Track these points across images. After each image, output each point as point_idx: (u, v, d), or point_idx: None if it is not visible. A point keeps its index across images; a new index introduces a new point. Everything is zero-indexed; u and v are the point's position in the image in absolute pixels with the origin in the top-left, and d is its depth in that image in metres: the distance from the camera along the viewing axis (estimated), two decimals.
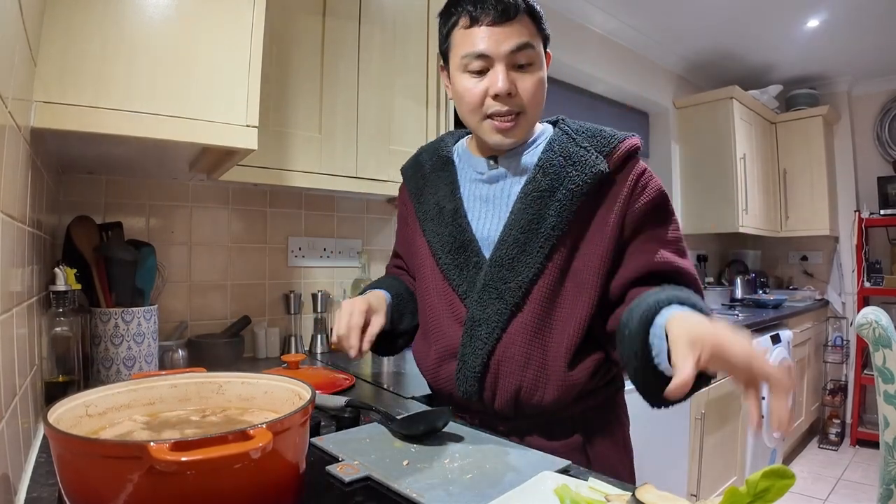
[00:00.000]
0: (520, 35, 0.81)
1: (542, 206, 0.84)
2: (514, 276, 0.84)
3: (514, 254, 0.84)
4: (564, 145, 0.87)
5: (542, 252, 0.83)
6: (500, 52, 0.81)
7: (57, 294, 0.94)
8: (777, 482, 0.40)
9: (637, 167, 0.86)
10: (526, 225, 0.84)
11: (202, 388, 0.68)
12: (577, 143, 0.87)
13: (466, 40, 0.83)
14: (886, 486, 1.50)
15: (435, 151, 1.01)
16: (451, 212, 0.92)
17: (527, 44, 0.82)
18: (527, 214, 0.84)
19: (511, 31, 0.81)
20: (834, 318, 3.69)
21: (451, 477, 0.63)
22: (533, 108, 0.85)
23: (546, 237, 0.83)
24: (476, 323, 0.86)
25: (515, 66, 0.83)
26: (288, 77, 1.32)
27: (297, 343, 1.61)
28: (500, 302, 0.84)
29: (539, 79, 0.84)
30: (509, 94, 0.82)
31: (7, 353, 0.58)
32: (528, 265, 0.83)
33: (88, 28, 0.83)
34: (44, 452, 0.74)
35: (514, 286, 0.84)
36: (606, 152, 0.85)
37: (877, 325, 1.53)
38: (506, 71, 0.81)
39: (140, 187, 1.39)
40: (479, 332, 0.85)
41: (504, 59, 0.81)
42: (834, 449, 3.31)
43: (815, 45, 3.11)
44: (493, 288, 0.85)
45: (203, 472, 0.43)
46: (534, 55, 0.83)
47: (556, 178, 0.84)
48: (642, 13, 2.74)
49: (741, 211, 3.13)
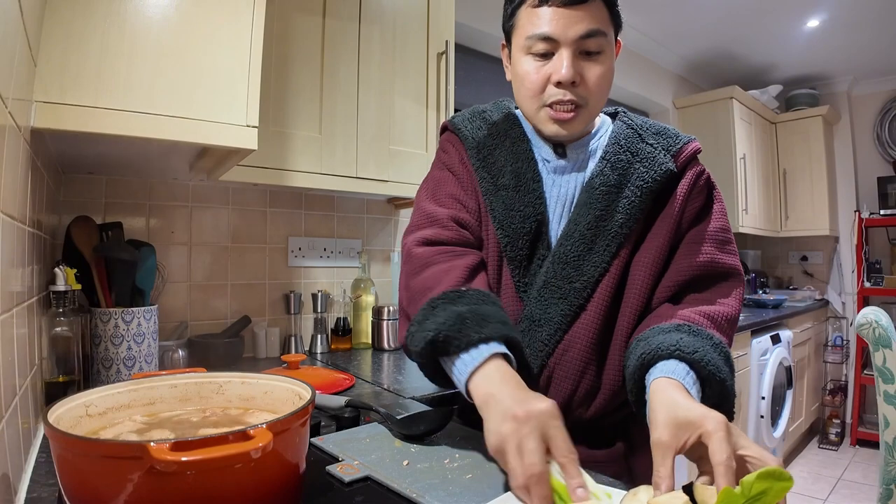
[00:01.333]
0: (591, 20, 0.74)
1: (610, 201, 0.79)
2: (579, 275, 0.79)
3: (580, 251, 0.79)
4: (630, 140, 0.82)
5: (610, 250, 0.79)
6: (569, 37, 0.74)
7: (57, 294, 0.94)
8: (775, 484, 0.40)
9: (698, 168, 0.84)
10: (593, 221, 0.79)
11: (202, 388, 0.68)
12: (643, 139, 0.83)
13: (533, 20, 0.76)
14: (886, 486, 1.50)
15: (506, 114, 0.90)
16: (535, 193, 0.82)
17: (598, 30, 0.75)
18: (594, 209, 0.79)
19: (582, 14, 0.74)
20: (834, 318, 3.69)
21: (451, 477, 0.63)
22: (596, 100, 0.79)
23: (614, 235, 0.79)
24: (536, 323, 0.80)
25: (583, 52, 0.76)
26: (288, 77, 1.32)
27: (297, 343, 1.61)
28: (563, 302, 0.79)
29: (607, 69, 0.78)
30: (573, 82, 0.75)
31: (7, 353, 0.58)
32: (595, 264, 0.79)
33: (88, 28, 0.83)
34: (44, 452, 0.74)
35: (580, 286, 0.79)
36: (674, 152, 0.82)
37: (877, 325, 1.53)
38: (572, 57, 0.75)
39: (140, 187, 1.39)
40: (539, 334, 0.80)
41: (572, 45, 0.75)
42: (834, 449, 3.31)
43: (815, 45, 3.11)
44: (556, 287, 0.79)
45: (203, 472, 0.43)
46: (604, 43, 0.77)
47: (623, 174, 0.80)
48: (642, 13, 2.74)
49: (741, 211, 3.14)
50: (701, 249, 0.80)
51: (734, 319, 0.79)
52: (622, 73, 2.92)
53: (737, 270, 0.82)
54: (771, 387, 2.57)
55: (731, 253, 0.83)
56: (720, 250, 0.81)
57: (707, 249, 0.80)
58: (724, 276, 0.81)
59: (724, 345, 0.71)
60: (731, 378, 0.70)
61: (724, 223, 0.83)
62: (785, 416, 2.76)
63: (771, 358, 2.60)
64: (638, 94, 3.07)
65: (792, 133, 3.59)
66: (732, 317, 0.78)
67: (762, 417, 2.54)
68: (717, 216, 0.83)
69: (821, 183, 3.48)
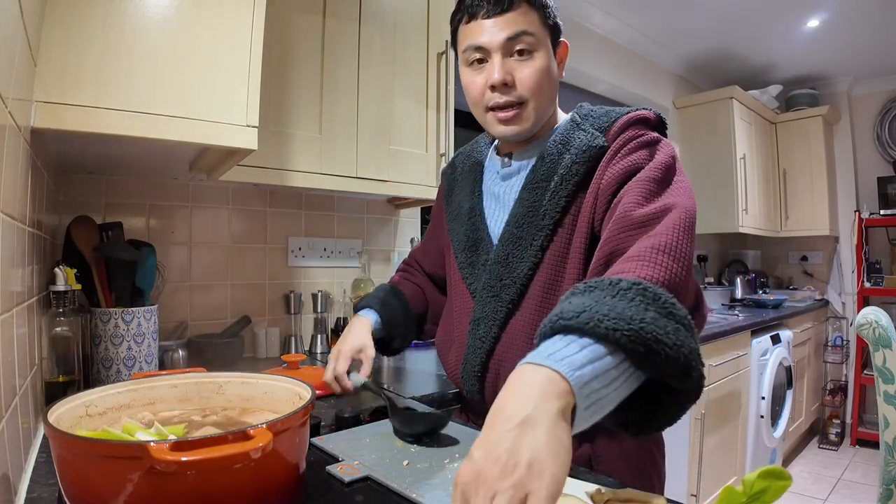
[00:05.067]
0: (515, 24, 0.78)
1: (537, 196, 0.82)
2: (508, 272, 0.82)
3: (508, 250, 0.83)
4: (567, 132, 0.84)
5: (535, 244, 0.80)
6: (495, 42, 0.79)
7: (57, 294, 0.94)
8: (774, 483, 0.40)
9: (631, 132, 0.76)
10: (521, 219, 0.82)
11: (202, 388, 0.68)
12: (579, 126, 0.83)
13: (466, 34, 0.83)
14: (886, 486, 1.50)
15: (469, 154, 1.02)
16: (468, 210, 0.93)
17: (522, 31, 0.78)
18: (522, 208, 0.83)
19: (507, 20, 0.79)
20: (834, 318, 3.69)
21: (451, 477, 0.63)
22: (535, 96, 0.81)
23: (538, 228, 0.80)
24: (476, 322, 0.86)
25: (513, 54, 0.80)
26: (288, 77, 1.32)
27: (297, 343, 1.61)
28: (496, 300, 0.83)
29: (540, 66, 0.80)
30: (505, 83, 0.79)
31: (7, 353, 0.58)
32: (521, 259, 0.81)
33: (89, 28, 0.83)
34: (44, 452, 0.74)
35: (510, 282, 0.82)
36: (605, 127, 0.81)
37: (877, 325, 1.53)
38: (502, 60, 0.79)
39: (140, 187, 1.39)
40: (477, 332, 0.85)
41: (500, 49, 0.79)
42: (834, 449, 3.31)
43: (815, 45, 3.11)
44: (490, 286, 0.84)
45: (203, 472, 0.43)
46: (534, 42, 0.79)
47: (552, 166, 0.82)
48: (642, 13, 2.74)
49: (741, 211, 3.14)
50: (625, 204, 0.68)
51: (669, 248, 0.60)
52: (622, 74, 2.93)
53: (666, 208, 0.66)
54: (771, 387, 2.57)
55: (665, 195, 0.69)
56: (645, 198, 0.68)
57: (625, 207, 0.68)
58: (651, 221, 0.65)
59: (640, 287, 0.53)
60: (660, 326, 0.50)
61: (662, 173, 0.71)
62: (785, 416, 2.76)
63: (771, 358, 2.60)
64: (638, 94, 3.07)
65: (792, 133, 3.59)
66: (662, 246, 0.60)
67: (762, 417, 2.54)
68: (655, 166, 0.71)
69: (821, 183, 3.48)
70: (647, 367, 0.51)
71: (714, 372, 2.17)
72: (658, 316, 0.51)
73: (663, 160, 0.73)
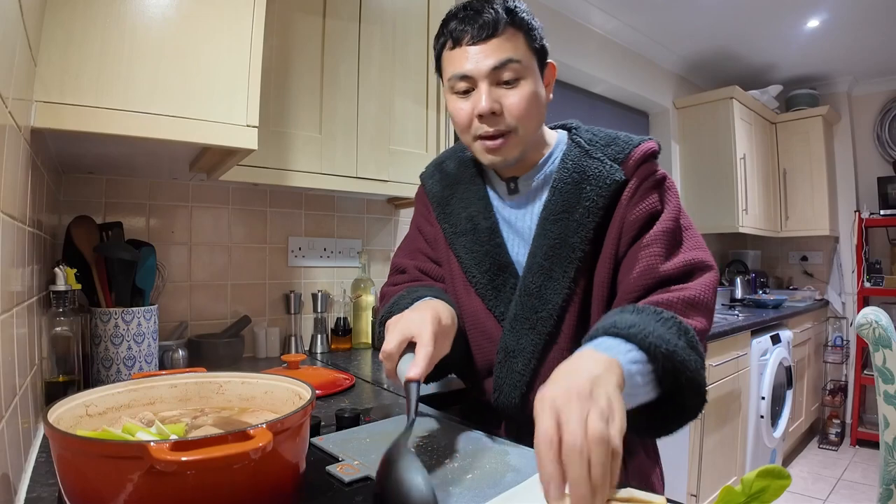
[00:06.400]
0: (501, 51, 0.76)
1: (562, 228, 0.81)
2: (543, 304, 0.82)
3: (540, 281, 0.82)
4: (578, 160, 0.83)
5: (567, 276, 0.80)
6: (482, 71, 0.77)
7: (57, 294, 0.94)
8: (773, 482, 0.40)
9: (645, 170, 0.81)
10: (549, 250, 0.82)
11: (202, 388, 0.68)
12: (590, 154, 0.83)
13: (451, 62, 0.80)
14: (886, 486, 1.50)
15: (460, 161, 0.96)
16: (488, 230, 0.88)
17: (509, 59, 0.76)
18: (548, 239, 0.82)
19: (492, 47, 0.76)
20: (834, 318, 3.69)
21: (451, 477, 0.63)
22: (524, 125, 0.80)
23: (569, 261, 0.80)
24: (510, 354, 0.84)
25: (500, 83, 0.78)
26: (288, 77, 1.32)
27: (297, 343, 1.61)
28: (532, 332, 0.82)
29: (528, 94, 0.78)
30: (493, 112, 0.78)
31: (7, 353, 0.58)
32: (556, 291, 0.81)
33: (89, 28, 0.83)
34: (44, 452, 0.74)
35: (546, 315, 0.81)
36: (621, 159, 0.81)
37: (877, 325, 1.53)
38: (489, 89, 0.77)
39: (140, 187, 1.39)
40: (515, 365, 0.83)
41: (486, 78, 0.77)
42: (834, 449, 3.31)
43: (815, 45, 3.11)
44: (525, 318, 0.83)
45: (203, 472, 0.43)
46: (520, 69, 0.78)
47: (572, 197, 0.81)
48: (642, 13, 2.74)
49: (741, 211, 3.13)
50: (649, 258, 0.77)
51: (700, 302, 0.73)
52: (622, 74, 2.93)
53: (696, 264, 0.77)
54: (771, 387, 2.57)
55: (689, 249, 0.79)
56: (669, 256, 0.77)
57: (650, 259, 0.77)
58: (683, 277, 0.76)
59: (676, 320, 0.67)
60: (689, 353, 0.65)
61: (674, 224, 0.80)
62: (785, 416, 2.76)
63: (771, 358, 2.60)
64: (638, 94, 3.07)
65: (792, 133, 3.59)
66: (695, 299, 0.73)
67: (762, 417, 2.54)
68: (669, 218, 0.80)
69: (821, 183, 3.48)
70: (668, 381, 0.65)
71: (714, 372, 2.16)
72: (686, 346, 0.65)
73: (674, 208, 0.81)
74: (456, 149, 0.99)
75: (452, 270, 0.93)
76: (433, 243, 0.98)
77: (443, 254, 0.95)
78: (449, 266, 0.94)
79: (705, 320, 0.73)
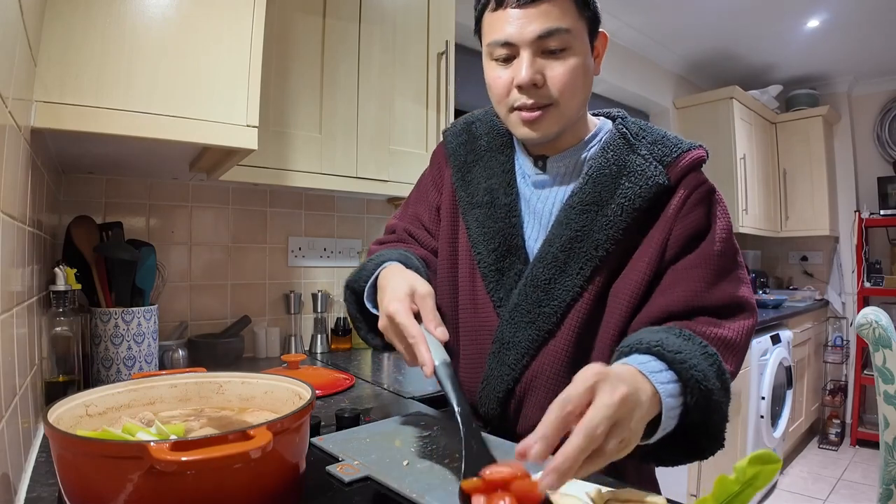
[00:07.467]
0: (548, 18, 0.69)
1: (588, 221, 0.75)
2: (549, 299, 0.76)
3: (550, 274, 0.76)
4: (620, 152, 0.76)
5: (583, 274, 0.74)
6: (525, 38, 0.70)
7: (57, 294, 0.94)
8: (765, 467, 0.41)
9: (694, 180, 0.75)
10: (567, 242, 0.75)
11: (202, 388, 0.68)
12: (634, 149, 0.76)
13: (493, 26, 0.73)
14: (886, 486, 1.50)
15: (492, 126, 0.88)
16: (506, 207, 0.81)
17: (556, 28, 0.69)
18: (569, 230, 0.75)
19: (539, 12, 0.69)
20: (834, 318, 3.69)
21: (451, 477, 0.63)
22: (567, 98, 0.73)
23: (588, 258, 0.74)
24: (505, 346, 0.79)
25: (546, 52, 0.71)
26: (288, 77, 1.32)
27: (297, 343, 1.61)
28: (531, 327, 0.77)
29: (574, 66, 0.71)
30: (534, 84, 0.71)
31: (7, 353, 0.58)
32: (566, 288, 0.75)
33: (89, 28, 0.83)
34: (44, 452, 0.74)
35: (549, 311, 0.76)
36: (668, 162, 0.75)
37: (877, 325, 1.53)
38: (531, 59, 0.70)
39: (140, 187, 1.39)
40: (506, 357, 0.79)
41: (530, 46, 0.70)
42: (834, 449, 3.31)
43: (815, 45, 3.11)
44: (526, 311, 0.77)
45: (203, 472, 0.43)
46: (568, 39, 0.70)
47: (606, 190, 0.75)
48: (642, 13, 2.74)
49: (741, 211, 3.14)
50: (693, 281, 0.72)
51: (736, 347, 0.70)
52: (622, 74, 2.93)
53: (740, 303, 0.73)
54: (771, 387, 2.57)
55: (736, 282, 0.74)
56: (714, 283, 0.72)
57: (698, 283, 0.71)
58: (724, 312, 0.72)
59: (718, 357, 0.64)
60: (722, 396, 0.63)
61: (724, 247, 0.74)
62: (785, 416, 2.76)
63: (771, 358, 2.60)
64: (638, 94, 3.07)
65: (792, 133, 3.59)
66: (732, 342, 0.70)
67: (762, 417, 2.54)
68: (718, 239, 0.74)
69: (821, 183, 3.48)
70: (693, 417, 0.61)
71: None
72: (721, 386, 0.63)
73: (724, 228, 0.75)
74: (489, 111, 0.91)
75: (458, 243, 0.86)
76: (433, 212, 0.91)
77: (447, 223, 0.87)
78: (454, 238, 0.86)
79: (735, 367, 0.70)
